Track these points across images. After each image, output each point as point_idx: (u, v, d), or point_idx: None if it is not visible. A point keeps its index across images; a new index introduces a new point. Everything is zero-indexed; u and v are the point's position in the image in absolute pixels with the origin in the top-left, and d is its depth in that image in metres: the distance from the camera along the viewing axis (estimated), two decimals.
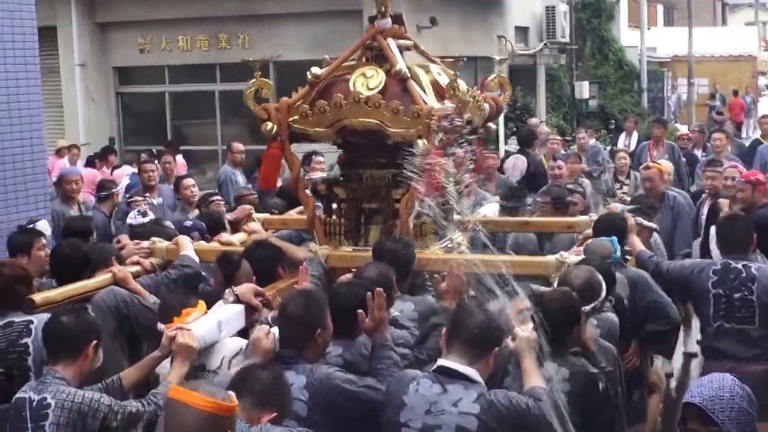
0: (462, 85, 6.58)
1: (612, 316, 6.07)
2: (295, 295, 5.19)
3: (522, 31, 26.53)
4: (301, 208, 8.07)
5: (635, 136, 18.75)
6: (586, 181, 12.30)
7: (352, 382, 4.85)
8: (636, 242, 7.35)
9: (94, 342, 5.04)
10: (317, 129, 6.85)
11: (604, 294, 5.79)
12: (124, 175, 13.95)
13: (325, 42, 17.65)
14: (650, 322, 7.10)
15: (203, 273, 7.06)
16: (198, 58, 22.12)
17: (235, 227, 8.49)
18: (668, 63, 37.80)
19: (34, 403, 4.75)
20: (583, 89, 28.16)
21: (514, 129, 22.03)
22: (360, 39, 7.19)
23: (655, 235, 8.37)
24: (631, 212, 7.83)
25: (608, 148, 19.08)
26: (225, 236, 7.88)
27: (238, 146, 14.27)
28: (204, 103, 22.42)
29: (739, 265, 6.92)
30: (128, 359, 6.05)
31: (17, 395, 4.90)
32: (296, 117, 6.87)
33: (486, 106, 7.33)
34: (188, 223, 8.63)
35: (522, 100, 24.25)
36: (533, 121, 21.07)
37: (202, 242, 7.67)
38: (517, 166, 14.36)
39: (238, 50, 21.46)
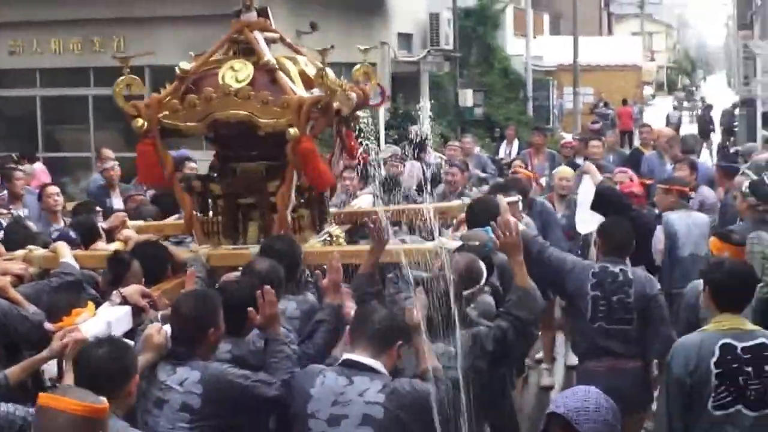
0: (330, 73, 6.74)
1: (489, 299, 6.34)
2: (189, 296, 5.33)
3: (405, 38, 26.46)
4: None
5: (516, 144, 18.84)
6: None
7: (246, 377, 5.01)
8: (514, 221, 6.92)
9: None
10: (188, 123, 6.89)
11: (483, 281, 6.13)
12: None
13: (200, 46, 16.78)
14: None
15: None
16: (71, 62, 21.56)
17: (110, 236, 8.14)
18: (554, 72, 38.17)
19: None
20: (467, 97, 28.22)
21: (395, 137, 21.84)
22: (226, 33, 7.26)
23: (532, 224, 8.66)
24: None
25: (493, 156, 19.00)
26: (101, 245, 7.59)
27: (107, 152, 13.79)
28: (77, 108, 21.91)
29: (617, 269, 7.12)
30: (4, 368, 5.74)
31: None
32: (167, 113, 6.88)
33: (353, 95, 7.33)
34: (54, 234, 8.31)
35: (404, 107, 24.08)
36: (414, 128, 20.87)
37: (79, 250, 7.37)
38: (412, 172, 14.14)
39: (112, 54, 21.03)
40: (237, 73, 6.89)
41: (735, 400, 5.59)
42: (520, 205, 8.59)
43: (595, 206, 8.46)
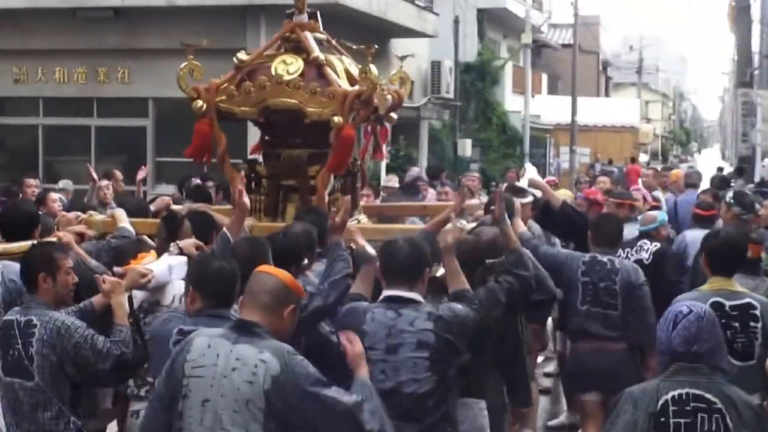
0: (373, 69, 7.41)
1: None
2: (243, 240, 6.17)
3: None
4: None
5: None
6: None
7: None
8: (520, 224, 7.98)
9: (58, 271, 5.80)
10: (243, 108, 7.69)
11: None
12: None
13: (205, 80, 17.32)
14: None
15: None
16: (75, 91, 21.68)
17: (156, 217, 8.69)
18: (551, 130, 38.40)
19: (21, 323, 5.59)
20: (466, 147, 28.31)
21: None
22: (279, 32, 8.06)
23: (536, 226, 9.23)
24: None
25: None
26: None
27: (118, 174, 13.91)
28: (79, 139, 21.96)
29: (605, 259, 7.88)
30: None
31: (5, 317, 5.76)
32: (223, 97, 7.70)
33: (389, 97, 8.22)
34: None
35: (405, 151, 24.20)
36: (415, 169, 20.97)
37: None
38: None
39: (116, 84, 21.26)
40: (288, 66, 7.70)
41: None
42: (536, 226, 9.32)
43: (560, 224, 9.56)
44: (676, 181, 15.99)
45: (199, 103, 7.70)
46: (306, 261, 6.10)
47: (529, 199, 9.20)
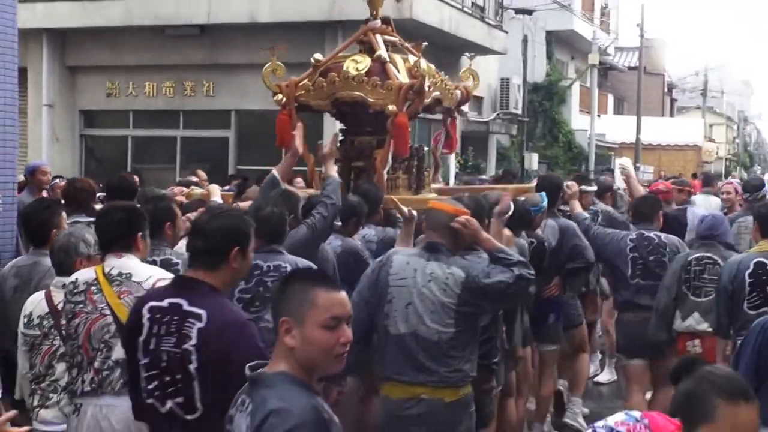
0: (423, 63, 8.53)
1: (522, 242, 7.60)
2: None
3: (477, 101, 27.39)
4: None
5: None
6: None
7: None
8: (575, 205, 9.12)
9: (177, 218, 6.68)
10: (318, 101, 8.93)
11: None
12: None
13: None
14: (571, 261, 8.74)
15: None
16: (162, 104, 22.60)
17: None
18: (616, 148, 38.93)
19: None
20: (533, 161, 29.04)
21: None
22: (354, 35, 9.28)
23: (602, 205, 10.43)
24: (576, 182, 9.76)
25: None
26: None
27: (202, 174, 14.77)
28: (165, 149, 22.88)
29: (651, 234, 8.60)
30: None
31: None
32: (302, 92, 8.89)
33: (458, 92, 9.44)
34: None
35: (473, 161, 25.05)
36: (482, 177, 21.79)
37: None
38: None
39: (201, 97, 22.14)
40: (358, 64, 8.76)
41: (763, 303, 7.28)
42: (602, 205, 10.49)
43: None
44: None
45: (280, 96, 8.90)
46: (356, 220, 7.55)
47: (593, 188, 10.29)
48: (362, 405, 7.03)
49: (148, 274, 5.14)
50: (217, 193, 8.68)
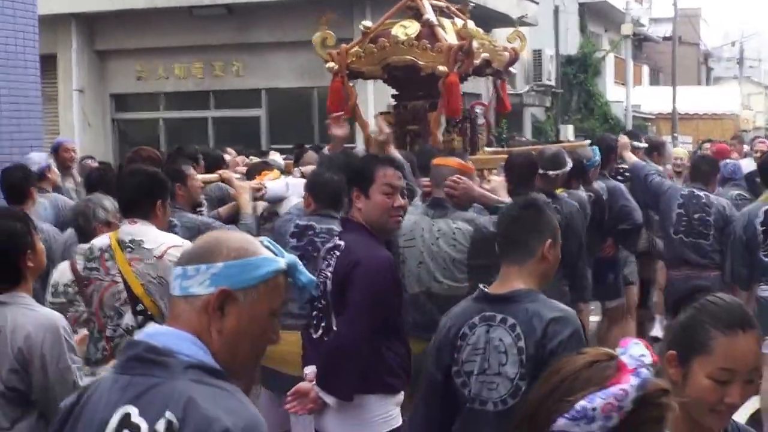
0: (471, 24, 8.75)
1: (582, 194, 7.94)
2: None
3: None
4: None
5: None
6: None
7: None
8: (630, 155, 9.42)
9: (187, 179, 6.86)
10: (368, 67, 9.08)
11: (568, 167, 7.66)
12: None
13: (314, 71, 18.09)
14: (620, 222, 8.92)
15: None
16: (193, 86, 22.64)
17: None
18: (653, 119, 38.54)
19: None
20: (568, 132, 28.76)
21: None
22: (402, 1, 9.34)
23: (653, 165, 10.12)
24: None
25: None
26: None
27: (231, 151, 14.56)
28: (197, 130, 22.80)
29: (701, 194, 8.73)
30: None
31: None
32: (353, 59, 9.05)
33: (506, 53, 9.57)
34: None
35: (508, 134, 24.80)
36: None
37: None
38: None
39: (231, 78, 22.12)
40: (407, 29, 8.88)
41: None
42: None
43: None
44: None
45: (332, 64, 9.00)
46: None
47: (644, 144, 10.42)
48: None
49: (161, 241, 5.12)
50: (245, 194, 7.99)
